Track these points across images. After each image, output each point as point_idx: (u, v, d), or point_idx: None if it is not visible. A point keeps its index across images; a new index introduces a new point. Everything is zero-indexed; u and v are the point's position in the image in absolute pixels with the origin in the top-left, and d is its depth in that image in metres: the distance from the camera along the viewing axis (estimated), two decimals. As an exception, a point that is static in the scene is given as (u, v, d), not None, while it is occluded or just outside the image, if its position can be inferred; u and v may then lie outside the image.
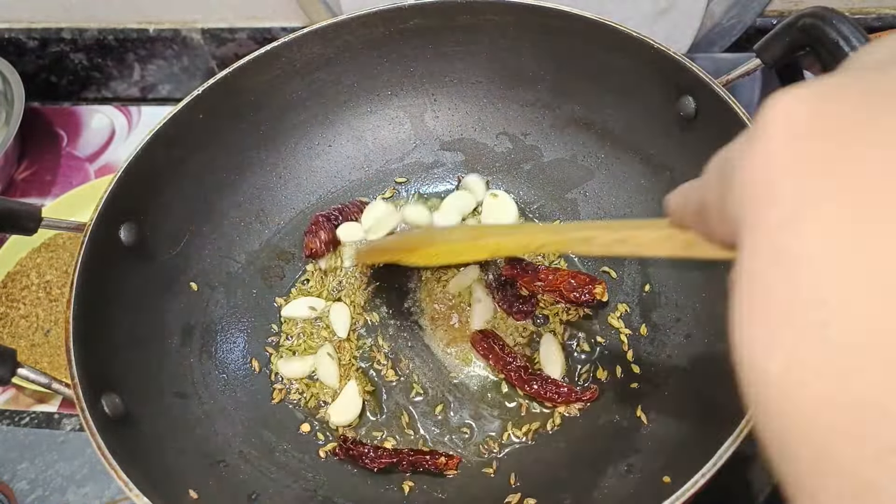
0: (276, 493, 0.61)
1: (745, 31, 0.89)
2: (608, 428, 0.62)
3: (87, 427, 0.51)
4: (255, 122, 0.74)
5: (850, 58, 0.24)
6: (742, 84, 0.65)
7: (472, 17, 0.71)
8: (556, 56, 0.71)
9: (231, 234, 0.74)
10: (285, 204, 0.77)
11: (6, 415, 0.78)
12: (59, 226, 0.64)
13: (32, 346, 0.80)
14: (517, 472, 0.61)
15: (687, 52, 0.88)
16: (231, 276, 0.73)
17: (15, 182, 1.00)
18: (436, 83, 0.77)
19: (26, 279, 0.85)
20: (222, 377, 0.67)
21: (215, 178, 0.73)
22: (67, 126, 1.06)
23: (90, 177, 1.00)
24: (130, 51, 1.03)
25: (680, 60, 0.63)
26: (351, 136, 0.79)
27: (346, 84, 0.76)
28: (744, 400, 0.21)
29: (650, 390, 0.62)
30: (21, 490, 0.73)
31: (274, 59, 0.71)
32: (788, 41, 0.59)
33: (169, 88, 1.07)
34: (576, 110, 0.74)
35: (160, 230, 0.67)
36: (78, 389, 0.53)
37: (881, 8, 0.90)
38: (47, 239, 0.88)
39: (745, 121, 0.58)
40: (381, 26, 0.72)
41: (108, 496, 0.72)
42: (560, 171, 0.76)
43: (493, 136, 0.78)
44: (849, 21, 0.54)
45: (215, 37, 1.00)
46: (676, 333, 0.64)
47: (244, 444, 0.63)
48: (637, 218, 0.71)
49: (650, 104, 0.67)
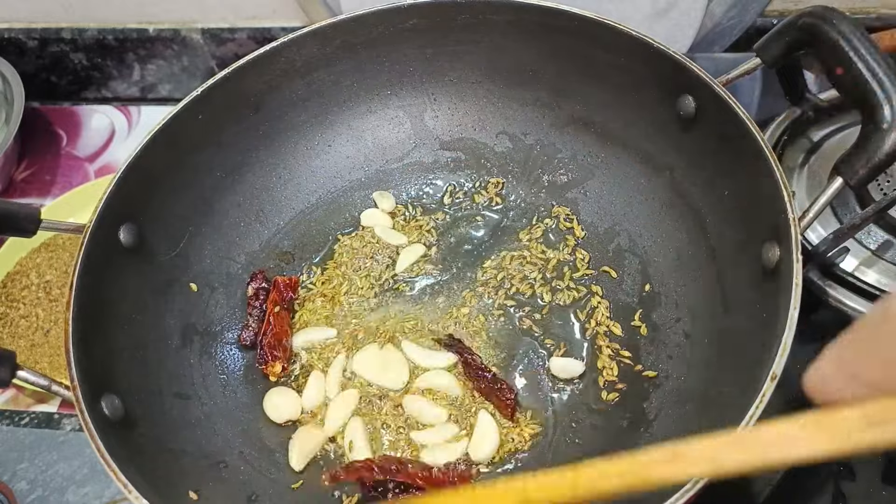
0: (276, 494, 0.60)
1: (745, 31, 0.89)
2: (608, 428, 0.62)
3: (87, 428, 0.51)
4: (255, 122, 0.74)
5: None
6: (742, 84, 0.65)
7: (472, 16, 0.71)
8: (556, 56, 0.71)
9: (231, 234, 0.74)
10: (285, 204, 0.77)
11: (6, 415, 0.78)
12: (59, 227, 0.64)
13: (32, 346, 0.80)
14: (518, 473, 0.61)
15: (687, 52, 0.88)
16: (231, 277, 0.73)
17: (15, 182, 1.00)
18: (436, 83, 0.77)
19: (26, 279, 0.85)
20: (222, 378, 0.67)
21: (215, 178, 0.73)
22: (67, 126, 1.06)
23: (90, 177, 1.00)
24: (130, 51, 1.03)
25: (680, 60, 0.63)
26: (351, 136, 0.79)
27: (346, 84, 0.76)
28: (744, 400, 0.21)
29: (650, 390, 0.62)
30: (21, 490, 0.73)
31: (274, 59, 0.71)
32: (788, 41, 0.59)
33: (169, 88, 1.07)
34: (576, 110, 0.74)
35: (160, 230, 0.67)
36: (77, 391, 0.53)
37: (881, 8, 0.90)
38: (47, 239, 0.88)
39: (746, 121, 0.58)
40: (380, 26, 0.72)
41: (108, 496, 0.72)
42: (560, 171, 0.76)
43: (493, 135, 0.78)
44: (849, 21, 0.54)
45: (215, 37, 1.00)
46: (676, 333, 0.64)
47: (244, 444, 0.63)
48: (636, 216, 0.71)
49: (650, 104, 0.67)
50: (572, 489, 0.31)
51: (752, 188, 0.58)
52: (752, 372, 0.49)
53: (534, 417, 0.64)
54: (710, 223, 0.64)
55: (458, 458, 0.61)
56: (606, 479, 0.30)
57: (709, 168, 0.64)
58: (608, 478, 0.30)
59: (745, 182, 0.59)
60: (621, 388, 0.64)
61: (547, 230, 0.74)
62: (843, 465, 0.64)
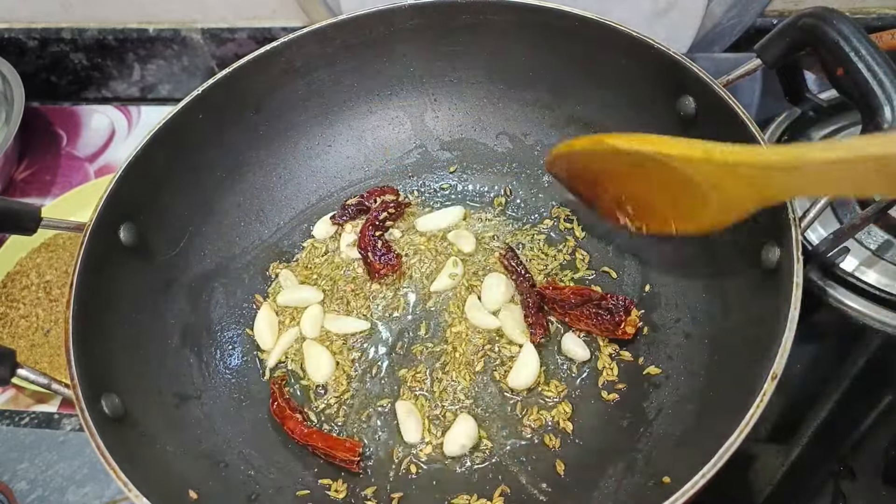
0: (276, 494, 0.60)
1: (745, 31, 0.89)
2: (608, 428, 0.62)
3: (87, 427, 0.51)
4: (255, 122, 0.74)
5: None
6: (742, 84, 0.65)
7: (472, 17, 0.71)
8: (556, 56, 0.71)
9: (231, 234, 0.74)
10: (285, 204, 0.77)
11: (6, 415, 0.78)
12: (59, 226, 0.65)
13: (32, 345, 0.80)
14: (517, 473, 0.61)
15: (687, 52, 0.89)
16: (231, 277, 0.73)
17: (15, 182, 1.00)
18: (436, 83, 0.77)
19: (26, 279, 0.85)
20: (222, 377, 0.67)
21: (215, 178, 0.73)
22: (67, 126, 1.06)
23: (90, 177, 1.00)
24: (130, 51, 1.03)
25: (680, 60, 0.63)
26: (351, 136, 0.79)
27: (346, 84, 0.76)
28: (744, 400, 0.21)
29: (650, 390, 0.62)
30: (21, 490, 0.73)
31: (274, 59, 0.71)
32: (789, 41, 0.59)
33: (169, 88, 1.07)
34: (576, 110, 0.74)
35: (160, 230, 0.67)
36: (77, 390, 0.53)
37: (881, 8, 0.90)
38: (47, 239, 0.88)
39: (746, 121, 0.58)
40: (381, 26, 0.72)
41: (108, 496, 0.72)
42: (560, 171, 0.76)
43: (493, 135, 0.78)
44: (849, 21, 0.54)
45: (215, 37, 1.00)
46: (676, 333, 0.64)
47: (244, 444, 0.63)
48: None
49: (650, 104, 0.67)
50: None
51: (752, 188, 0.58)
52: (752, 372, 0.49)
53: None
54: (710, 223, 0.64)
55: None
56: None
57: (709, 168, 0.64)
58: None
59: (746, 182, 0.59)
60: (621, 388, 0.64)
61: (547, 230, 0.74)
62: (843, 465, 0.64)
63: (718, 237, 0.63)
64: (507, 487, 0.60)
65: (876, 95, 0.52)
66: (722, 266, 0.62)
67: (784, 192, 0.45)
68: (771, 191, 0.44)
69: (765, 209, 0.55)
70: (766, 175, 0.41)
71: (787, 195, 0.49)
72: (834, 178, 0.35)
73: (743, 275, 0.59)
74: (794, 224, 0.53)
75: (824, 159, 0.36)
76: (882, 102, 0.51)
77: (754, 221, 0.55)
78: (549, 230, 0.74)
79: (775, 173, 0.40)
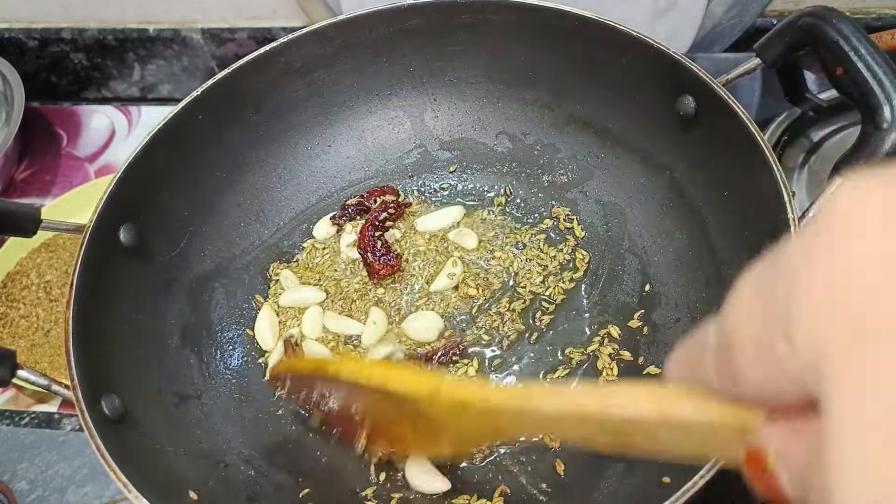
0: (276, 494, 0.60)
1: (745, 31, 0.89)
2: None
3: (87, 428, 0.51)
4: (255, 122, 0.74)
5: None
6: (742, 84, 0.65)
7: (472, 16, 0.71)
8: (555, 56, 0.71)
9: (231, 234, 0.74)
10: (285, 204, 0.77)
11: (6, 415, 0.78)
12: (59, 227, 0.65)
13: (32, 346, 0.80)
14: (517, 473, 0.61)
15: (687, 52, 0.88)
16: (231, 277, 0.73)
17: (15, 182, 1.00)
18: (435, 83, 0.77)
19: (26, 279, 0.85)
20: (222, 378, 0.67)
21: (215, 178, 0.73)
22: (67, 126, 1.06)
23: (90, 177, 1.00)
24: (130, 51, 1.03)
25: (680, 60, 0.63)
26: (351, 136, 0.79)
27: (346, 84, 0.76)
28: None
29: (650, 390, 0.62)
30: (21, 490, 0.73)
31: (274, 59, 0.71)
32: (788, 41, 0.59)
33: (169, 88, 1.07)
34: (576, 110, 0.74)
35: (160, 231, 0.68)
36: (77, 391, 0.53)
37: (881, 8, 0.90)
38: (47, 239, 0.88)
39: (746, 121, 0.58)
40: (380, 26, 0.72)
41: (108, 496, 0.72)
42: (560, 171, 0.76)
43: (493, 135, 0.78)
44: (849, 21, 0.54)
45: (215, 37, 1.00)
46: (676, 333, 0.64)
47: (244, 444, 0.63)
48: (636, 216, 0.71)
49: (650, 104, 0.67)
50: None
51: (752, 188, 0.58)
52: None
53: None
54: (710, 223, 0.64)
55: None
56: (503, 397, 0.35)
57: (709, 168, 0.64)
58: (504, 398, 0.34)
59: (745, 182, 0.59)
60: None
61: (547, 230, 0.74)
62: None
63: (719, 237, 0.63)
64: (507, 487, 0.60)
65: (875, 95, 0.52)
66: (722, 266, 0.62)
67: (520, 431, 0.41)
68: (506, 430, 0.39)
69: (765, 209, 0.55)
70: (496, 415, 0.36)
71: (525, 433, 0.47)
72: (566, 426, 0.31)
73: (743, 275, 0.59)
74: (794, 224, 0.53)
75: (544, 410, 0.31)
76: (881, 102, 0.51)
77: (754, 221, 0.55)
78: (549, 230, 0.74)
79: (503, 416, 0.35)
